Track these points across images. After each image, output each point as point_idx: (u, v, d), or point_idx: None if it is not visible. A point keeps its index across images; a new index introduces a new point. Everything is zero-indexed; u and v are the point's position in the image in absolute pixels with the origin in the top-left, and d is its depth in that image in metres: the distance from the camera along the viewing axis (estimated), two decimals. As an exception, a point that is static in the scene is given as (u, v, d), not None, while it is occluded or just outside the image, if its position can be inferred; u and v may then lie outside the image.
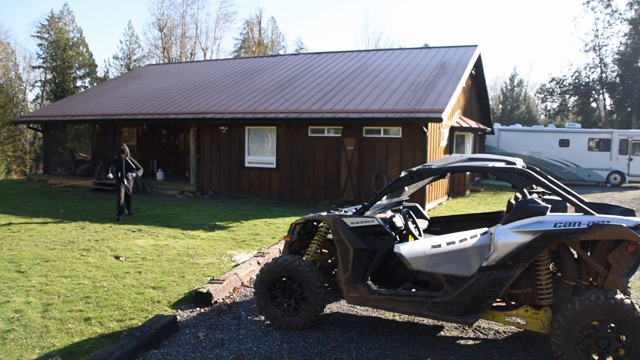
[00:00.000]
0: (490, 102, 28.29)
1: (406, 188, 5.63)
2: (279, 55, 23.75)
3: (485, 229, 4.29)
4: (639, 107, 37.42)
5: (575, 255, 4.30)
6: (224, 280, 6.10)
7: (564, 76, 41.13)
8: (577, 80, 39.97)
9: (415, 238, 4.74)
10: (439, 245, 4.24)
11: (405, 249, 4.29)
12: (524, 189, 4.42)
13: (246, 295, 6.04)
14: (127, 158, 11.52)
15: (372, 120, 13.24)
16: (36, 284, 6.06)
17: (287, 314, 4.92)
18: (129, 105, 18.43)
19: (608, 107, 40.88)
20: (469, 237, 4.22)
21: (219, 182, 15.85)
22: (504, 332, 4.95)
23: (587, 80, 39.68)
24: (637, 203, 15.32)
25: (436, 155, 14.23)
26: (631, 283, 6.37)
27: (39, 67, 42.00)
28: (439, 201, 14.83)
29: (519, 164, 4.83)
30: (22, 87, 42.48)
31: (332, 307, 5.58)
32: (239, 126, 15.40)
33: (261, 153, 15.33)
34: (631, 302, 3.82)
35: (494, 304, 4.45)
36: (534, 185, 4.74)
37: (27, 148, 37.51)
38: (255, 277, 5.92)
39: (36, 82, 43.33)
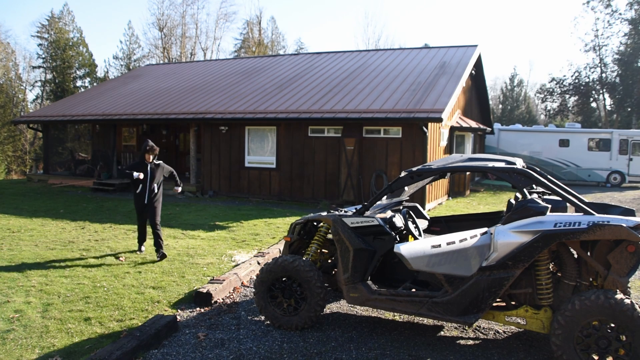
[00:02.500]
0: (490, 102, 28.29)
1: (406, 188, 5.63)
2: (279, 55, 23.74)
3: (485, 229, 4.29)
4: (639, 107, 37.41)
5: (575, 255, 4.30)
6: (224, 280, 6.10)
7: (564, 76, 41.15)
8: (577, 80, 39.96)
9: (415, 238, 4.74)
10: (439, 245, 4.24)
11: (405, 249, 4.29)
12: (524, 189, 4.42)
13: (246, 295, 6.04)
14: (154, 161, 7.73)
15: (372, 120, 13.23)
16: (36, 284, 6.06)
17: (287, 314, 4.92)
18: (129, 105, 18.43)
19: (608, 107, 40.88)
20: (469, 237, 4.22)
21: (219, 182, 15.85)
22: (504, 332, 4.95)
23: (587, 80, 39.68)
24: (637, 203, 15.32)
25: (436, 155, 14.23)
26: (631, 283, 6.37)
27: (39, 67, 42.02)
28: (439, 201, 14.83)
29: (519, 164, 4.83)
30: (22, 87, 42.51)
31: (332, 307, 5.58)
32: (239, 126, 15.40)
33: (261, 153, 15.33)
34: (631, 302, 3.82)
35: (494, 304, 4.45)
36: (534, 185, 4.74)
37: (27, 148, 37.51)
38: (255, 277, 5.92)
39: (36, 82, 43.39)
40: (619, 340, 3.82)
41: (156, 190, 7.73)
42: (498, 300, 4.42)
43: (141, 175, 7.49)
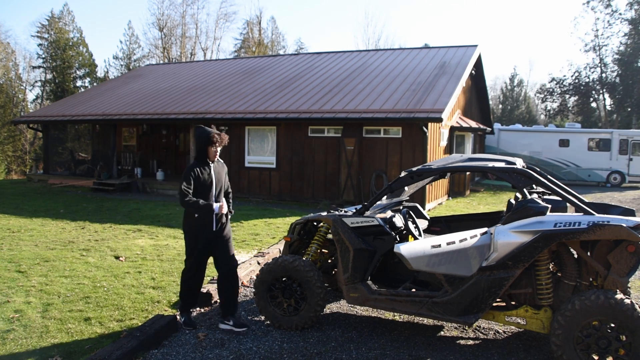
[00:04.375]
0: (490, 102, 28.29)
1: (406, 188, 5.63)
2: (279, 55, 23.75)
3: (485, 229, 4.29)
4: (639, 107, 37.41)
5: (575, 255, 4.30)
6: (224, 280, 6.09)
7: (564, 76, 41.15)
8: (577, 80, 39.96)
9: (415, 238, 4.74)
10: (439, 245, 4.24)
11: (405, 249, 4.29)
12: (524, 189, 4.42)
13: (246, 295, 6.04)
14: (217, 161, 5.01)
15: (372, 120, 13.23)
16: (36, 284, 6.06)
17: (287, 314, 4.91)
18: (129, 105, 18.43)
19: (608, 107, 40.89)
20: (469, 237, 4.22)
21: (219, 182, 15.82)
22: (504, 332, 4.95)
23: (587, 80, 39.68)
24: (637, 203, 15.32)
25: (436, 155, 14.23)
26: (631, 283, 6.36)
27: (39, 67, 42.03)
28: (439, 201, 14.82)
29: (519, 164, 4.83)
30: (22, 87, 42.52)
31: (332, 307, 5.58)
32: (239, 126, 15.39)
33: (261, 153, 15.32)
34: (631, 302, 3.81)
35: (494, 304, 4.44)
36: (534, 185, 4.73)
37: (27, 148, 37.52)
38: (255, 277, 5.91)
39: (36, 82, 43.40)
40: (619, 340, 3.82)
41: (226, 207, 4.86)
42: (498, 300, 4.42)
43: (224, 209, 4.76)
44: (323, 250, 5.49)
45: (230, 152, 15.61)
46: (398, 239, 4.79)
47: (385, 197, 5.62)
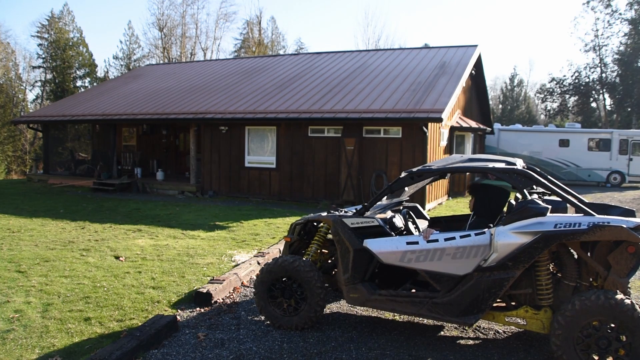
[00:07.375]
0: (490, 102, 28.28)
1: (406, 188, 5.63)
2: (279, 55, 23.75)
3: (483, 230, 4.29)
4: (639, 107, 37.42)
5: (576, 256, 4.30)
6: (224, 280, 6.10)
7: (564, 76, 41.19)
8: (577, 80, 39.97)
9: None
10: (417, 243, 4.30)
11: (373, 243, 4.39)
12: (524, 190, 4.42)
13: (246, 295, 6.04)
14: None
15: (372, 120, 13.23)
16: (36, 284, 6.06)
17: (287, 314, 4.92)
18: (129, 105, 18.43)
19: (608, 107, 40.91)
20: (458, 237, 4.25)
21: (219, 182, 15.85)
22: (504, 332, 4.95)
23: (587, 80, 39.70)
24: (637, 203, 15.31)
25: (436, 155, 14.22)
26: (631, 283, 6.36)
27: (39, 67, 42.04)
28: (439, 201, 14.82)
29: (519, 164, 4.83)
30: (22, 87, 42.54)
31: (332, 307, 5.58)
32: (239, 126, 15.39)
33: (261, 153, 15.32)
34: (631, 302, 3.82)
35: (494, 305, 4.45)
36: (534, 186, 4.74)
37: (27, 148, 37.52)
38: (255, 277, 5.91)
39: (36, 82, 43.41)
40: (619, 341, 3.82)
41: None
42: (498, 300, 4.42)
43: None
44: (323, 250, 5.49)
45: (230, 152, 15.61)
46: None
47: (385, 197, 5.62)
